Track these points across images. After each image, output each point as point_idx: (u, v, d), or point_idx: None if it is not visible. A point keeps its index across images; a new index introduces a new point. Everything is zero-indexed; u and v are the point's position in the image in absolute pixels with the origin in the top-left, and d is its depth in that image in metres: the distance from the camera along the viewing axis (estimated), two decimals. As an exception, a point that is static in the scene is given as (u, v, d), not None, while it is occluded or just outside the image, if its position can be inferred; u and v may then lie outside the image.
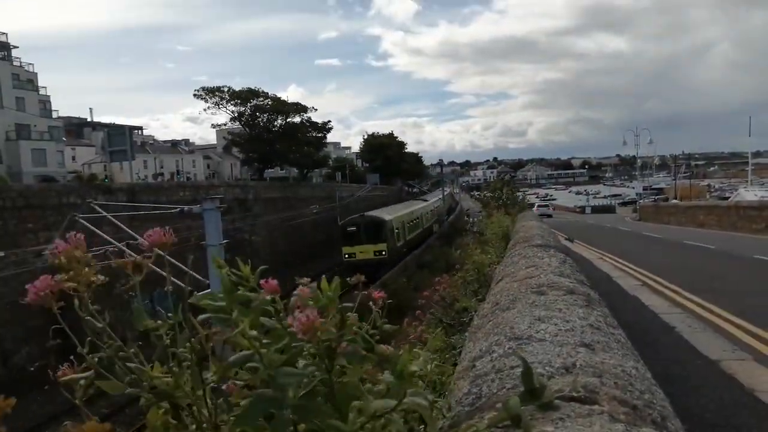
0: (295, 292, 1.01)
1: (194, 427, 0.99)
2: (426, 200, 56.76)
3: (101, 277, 0.99)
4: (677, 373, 5.93)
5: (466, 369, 1.71)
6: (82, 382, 0.98)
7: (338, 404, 0.95)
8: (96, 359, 0.99)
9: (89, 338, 0.99)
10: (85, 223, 8.85)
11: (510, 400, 1.01)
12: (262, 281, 1.03)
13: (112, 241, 7.45)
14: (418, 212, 45.15)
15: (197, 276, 7.29)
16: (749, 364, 6.18)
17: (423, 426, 1.12)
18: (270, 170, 62.56)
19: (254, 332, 0.96)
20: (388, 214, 35.54)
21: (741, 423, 4.66)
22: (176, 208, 9.60)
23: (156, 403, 0.99)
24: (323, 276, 1.12)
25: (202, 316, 1.03)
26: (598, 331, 1.93)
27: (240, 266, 1.02)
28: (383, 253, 31.75)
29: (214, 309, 0.99)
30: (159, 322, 1.03)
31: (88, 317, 0.98)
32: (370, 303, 1.17)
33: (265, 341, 0.96)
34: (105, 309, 1.00)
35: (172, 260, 1.06)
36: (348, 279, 1.21)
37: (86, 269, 0.97)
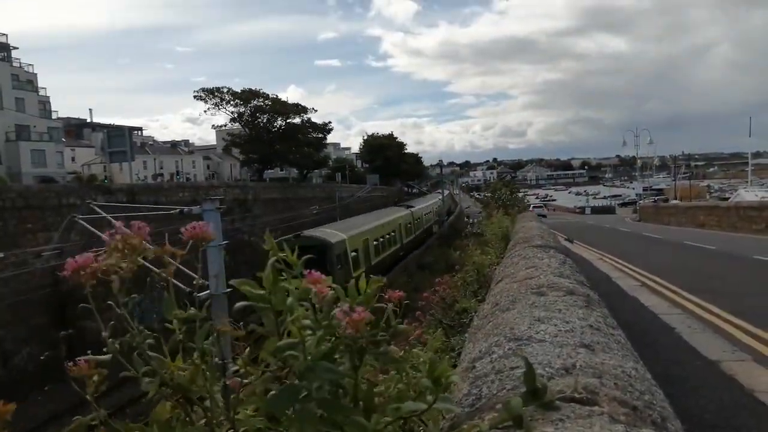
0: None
1: (203, 421, 1.00)
2: (411, 206, 44.90)
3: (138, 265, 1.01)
4: (677, 373, 5.93)
5: (466, 370, 1.71)
6: (95, 378, 0.98)
7: (364, 403, 0.97)
8: (117, 346, 1.00)
9: (112, 322, 1.00)
10: (85, 223, 8.85)
11: (511, 400, 1.01)
12: (306, 271, 1.04)
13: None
14: (396, 223, 35.29)
15: (194, 275, 7.28)
16: (749, 364, 6.18)
17: (423, 427, 1.12)
18: (270, 171, 62.55)
19: (308, 321, 0.97)
20: (341, 231, 25.76)
21: (741, 424, 4.66)
22: (176, 208, 9.58)
23: (166, 396, 1.00)
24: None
25: (239, 304, 1.05)
26: (597, 332, 1.93)
27: (287, 254, 1.04)
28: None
29: (255, 297, 1.00)
30: (192, 310, 1.05)
31: (117, 304, 0.99)
32: (384, 303, 1.18)
33: (316, 324, 0.97)
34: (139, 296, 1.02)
35: (173, 261, 1.06)
36: None
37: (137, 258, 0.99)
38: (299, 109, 56.44)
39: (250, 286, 1.01)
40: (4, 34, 52.11)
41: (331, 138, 69.66)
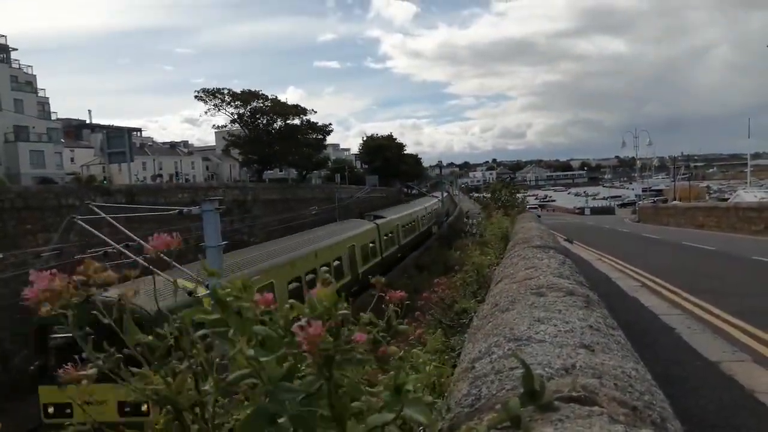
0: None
1: (197, 427, 0.99)
2: (381, 217, 31.02)
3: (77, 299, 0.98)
4: (677, 374, 5.93)
5: (466, 370, 1.71)
6: (84, 381, 0.98)
7: (337, 412, 0.95)
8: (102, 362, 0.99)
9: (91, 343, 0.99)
10: (84, 224, 8.84)
11: (510, 401, 1.01)
12: (257, 296, 0.99)
13: (111, 242, 7.44)
14: (344, 248, 22.63)
15: (192, 275, 7.27)
16: (748, 365, 6.18)
17: (422, 428, 1.12)
18: (269, 172, 62.55)
19: (251, 351, 0.94)
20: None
21: (740, 424, 4.65)
22: (175, 209, 9.59)
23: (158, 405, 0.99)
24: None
25: (199, 333, 1.01)
26: (597, 333, 1.93)
27: (233, 282, 1.00)
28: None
29: (210, 323, 0.97)
30: (150, 338, 1.02)
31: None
32: (384, 303, 1.17)
33: (262, 353, 0.94)
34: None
35: (173, 261, 1.06)
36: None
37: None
38: (299, 110, 56.47)
39: (205, 312, 0.98)
40: (3, 36, 52.28)
41: (330, 139, 69.72)
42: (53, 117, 57.71)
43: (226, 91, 52.63)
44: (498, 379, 1.47)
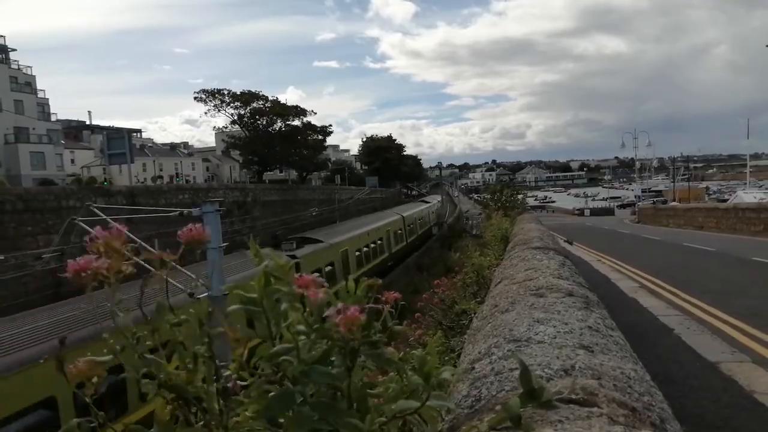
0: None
1: (201, 423, 1.00)
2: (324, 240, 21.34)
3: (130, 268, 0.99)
4: (676, 374, 5.93)
5: (465, 371, 1.72)
6: (94, 380, 0.98)
7: (358, 404, 0.97)
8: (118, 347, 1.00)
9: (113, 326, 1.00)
10: (85, 226, 8.85)
11: (510, 400, 1.02)
12: (297, 276, 1.03)
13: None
14: None
15: (192, 276, 7.29)
16: (748, 365, 6.18)
17: (421, 428, 1.13)
18: (269, 173, 62.54)
19: (302, 326, 0.97)
20: None
21: (740, 425, 4.66)
22: (175, 210, 9.59)
23: (165, 397, 1.00)
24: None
25: (231, 308, 1.04)
26: (597, 333, 1.94)
27: (275, 258, 1.03)
28: None
29: (247, 301, 1.00)
30: (182, 317, 1.05)
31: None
32: (381, 304, 1.18)
33: (308, 329, 0.97)
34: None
35: (174, 264, 1.07)
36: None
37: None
38: (299, 111, 56.46)
39: (244, 289, 1.00)
40: (2, 36, 52.23)
41: (330, 140, 69.66)
42: (53, 118, 57.66)
43: (225, 92, 52.64)
44: (498, 381, 1.48)
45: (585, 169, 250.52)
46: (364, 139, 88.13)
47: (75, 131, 72.21)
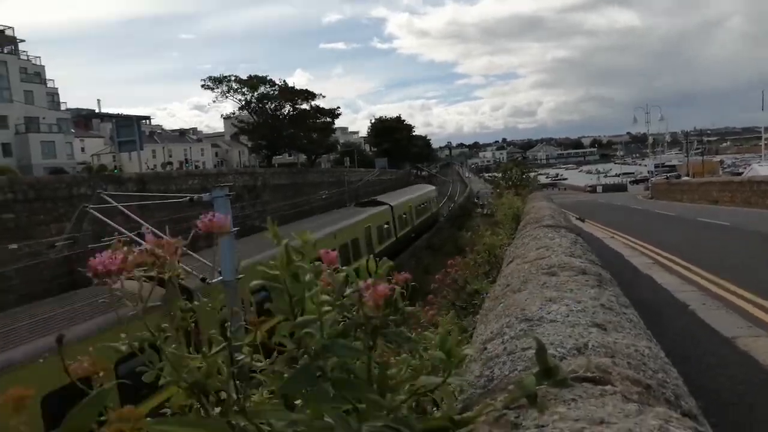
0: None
1: (219, 410, 1.00)
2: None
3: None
4: (691, 351, 5.90)
5: (478, 351, 1.71)
6: (101, 374, 0.98)
7: (378, 381, 0.97)
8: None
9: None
10: (96, 213, 8.93)
11: (525, 378, 1.01)
12: (322, 251, 1.05)
13: (124, 231, 7.51)
14: None
15: (206, 262, 7.35)
16: (764, 341, 6.14)
17: (435, 408, 1.12)
18: (278, 157, 62.58)
19: (326, 297, 0.98)
20: None
21: (755, 401, 4.64)
22: (186, 196, 9.62)
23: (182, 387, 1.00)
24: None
25: (254, 283, 1.04)
26: (610, 311, 1.92)
27: (300, 235, 1.04)
28: None
29: (269, 277, 1.00)
30: (196, 303, 1.05)
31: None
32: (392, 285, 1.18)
33: (332, 300, 0.98)
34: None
35: (187, 250, 1.06)
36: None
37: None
38: (307, 94, 56.23)
39: (266, 266, 1.01)
40: (10, 27, 52.22)
41: (338, 122, 69.43)
42: (62, 107, 57.93)
43: (233, 78, 52.52)
44: (510, 360, 1.47)
45: (597, 145, 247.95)
46: (373, 121, 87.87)
47: (84, 120, 72.55)
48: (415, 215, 34.30)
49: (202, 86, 52.32)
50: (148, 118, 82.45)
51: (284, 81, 54.92)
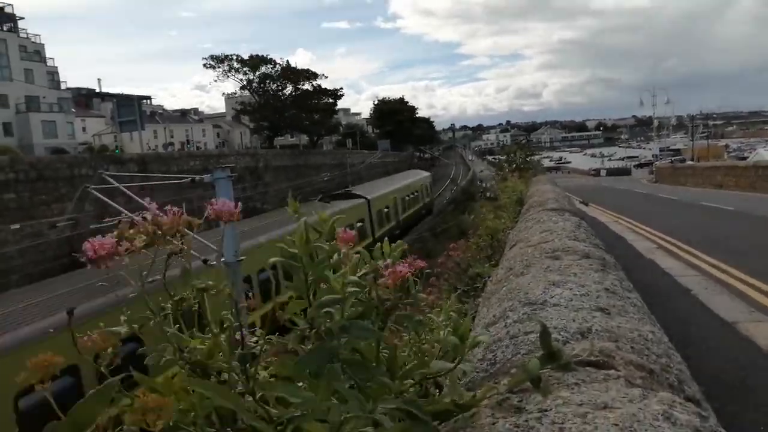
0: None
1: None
2: None
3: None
4: (694, 335, 5.92)
5: (480, 335, 1.70)
6: (110, 350, 0.98)
7: (388, 364, 0.99)
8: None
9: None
10: (97, 194, 8.92)
11: (530, 361, 1.01)
12: (339, 230, 1.03)
13: (125, 211, 7.51)
14: None
15: (210, 245, 7.35)
16: (766, 325, 6.15)
17: (438, 391, 1.12)
18: (280, 138, 62.37)
19: (354, 278, 0.98)
20: None
21: (757, 384, 4.66)
22: (187, 177, 9.61)
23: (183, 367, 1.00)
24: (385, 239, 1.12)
25: (272, 260, 1.04)
26: (613, 295, 1.91)
27: (318, 214, 1.05)
28: None
29: (288, 255, 1.00)
30: (210, 282, 1.05)
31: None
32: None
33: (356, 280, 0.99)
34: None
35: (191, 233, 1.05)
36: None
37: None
38: (309, 74, 55.82)
39: (285, 243, 1.01)
40: (9, 4, 51.68)
41: (341, 103, 69.04)
42: (63, 86, 57.56)
43: (234, 57, 52.13)
44: (513, 344, 1.46)
45: (601, 128, 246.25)
46: (376, 102, 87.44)
47: (85, 99, 72.16)
48: (400, 209, 30.64)
49: (204, 65, 52.09)
50: (149, 98, 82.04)
51: (287, 61, 54.51)
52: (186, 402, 0.93)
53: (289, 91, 54.63)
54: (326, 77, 57.39)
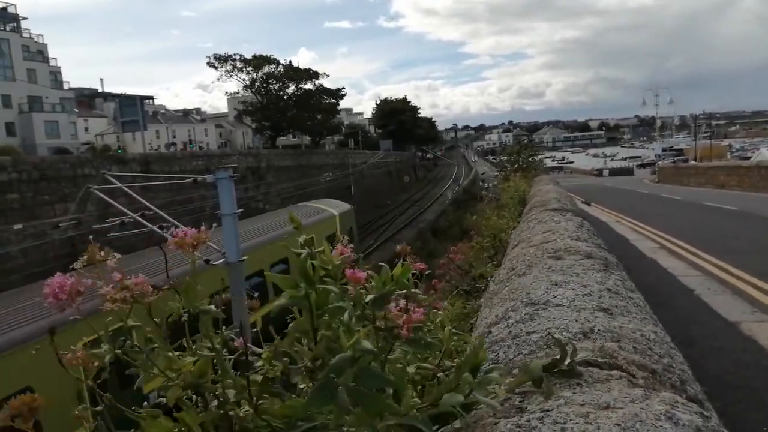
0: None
1: (216, 405, 0.99)
2: None
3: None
4: (696, 335, 5.90)
5: (482, 335, 1.70)
6: (96, 363, 0.97)
7: (396, 388, 0.97)
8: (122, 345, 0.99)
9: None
10: (100, 194, 8.93)
11: (531, 363, 1.00)
12: (347, 271, 0.95)
13: (127, 211, 7.53)
14: None
15: (213, 245, 7.35)
16: (768, 325, 6.13)
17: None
18: (282, 138, 62.36)
19: (367, 344, 0.95)
20: None
21: (759, 385, 4.64)
22: (189, 177, 9.61)
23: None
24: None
25: (277, 304, 1.00)
26: (616, 296, 1.90)
27: (325, 251, 1.00)
28: None
29: (295, 298, 0.98)
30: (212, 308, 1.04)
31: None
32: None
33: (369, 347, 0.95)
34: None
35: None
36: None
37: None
38: (311, 74, 55.79)
39: (288, 284, 0.98)
40: (12, 5, 51.74)
41: (343, 103, 68.98)
42: (65, 86, 57.61)
43: (237, 57, 52.15)
44: (515, 344, 1.46)
45: (604, 128, 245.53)
46: (378, 102, 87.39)
47: (88, 99, 72.26)
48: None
49: (207, 64, 52.05)
50: (151, 98, 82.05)
51: (289, 61, 54.51)
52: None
53: (291, 91, 54.62)
54: (328, 76, 57.47)
